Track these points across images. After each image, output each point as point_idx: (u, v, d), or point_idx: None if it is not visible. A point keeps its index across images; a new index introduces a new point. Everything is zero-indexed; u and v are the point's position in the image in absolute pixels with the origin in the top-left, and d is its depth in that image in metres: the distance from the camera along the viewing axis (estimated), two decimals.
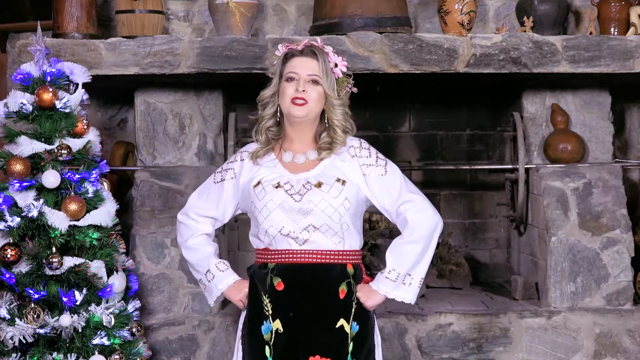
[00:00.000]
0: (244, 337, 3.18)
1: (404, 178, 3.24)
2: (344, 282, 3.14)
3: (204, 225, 3.29)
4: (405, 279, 3.18)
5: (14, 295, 3.91)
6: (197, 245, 3.28)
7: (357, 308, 3.16)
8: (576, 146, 4.96)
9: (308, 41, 3.22)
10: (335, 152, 3.18)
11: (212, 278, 3.25)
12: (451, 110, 5.60)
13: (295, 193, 3.11)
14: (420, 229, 3.17)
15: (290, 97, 3.14)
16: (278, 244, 3.12)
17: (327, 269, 3.13)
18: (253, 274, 3.20)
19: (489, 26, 5.35)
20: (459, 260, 5.41)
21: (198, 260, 3.28)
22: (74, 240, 3.89)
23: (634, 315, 4.74)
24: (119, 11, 4.77)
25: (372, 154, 3.23)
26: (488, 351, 4.68)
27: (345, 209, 3.12)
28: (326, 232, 3.11)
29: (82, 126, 4.01)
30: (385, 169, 3.21)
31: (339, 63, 3.21)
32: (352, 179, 3.16)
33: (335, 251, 3.13)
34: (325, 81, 3.16)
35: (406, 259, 3.17)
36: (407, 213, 3.18)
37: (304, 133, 3.20)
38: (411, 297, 3.20)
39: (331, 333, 3.11)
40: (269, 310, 3.12)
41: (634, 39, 4.68)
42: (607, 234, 4.81)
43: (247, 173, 3.21)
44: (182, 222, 3.32)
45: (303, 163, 3.18)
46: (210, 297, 3.30)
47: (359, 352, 3.15)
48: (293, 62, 3.18)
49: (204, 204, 3.28)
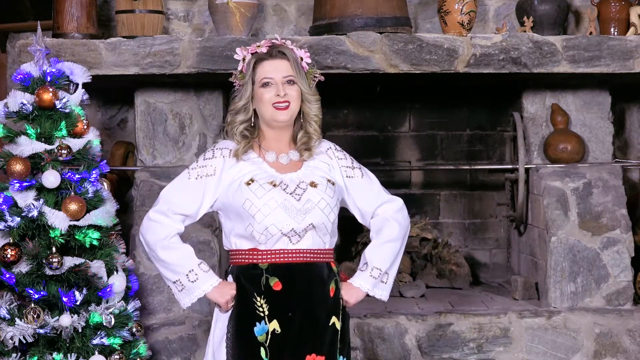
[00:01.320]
0: (230, 339, 3.11)
1: (377, 180, 3.31)
2: (332, 280, 3.17)
3: (177, 223, 3.16)
4: (383, 277, 3.23)
5: (14, 295, 3.90)
6: (175, 244, 3.15)
7: (343, 306, 3.19)
8: (576, 146, 4.96)
9: (269, 41, 3.19)
10: (314, 152, 3.20)
11: (196, 279, 3.13)
12: (451, 110, 5.60)
13: (293, 192, 3.11)
14: (400, 229, 3.24)
15: (270, 102, 3.12)
16: (273, 243, 3.10)
17: (319, 268, 3.14)
18: (240, 275, 3.13)
19: (489, 26, 5.34)
20: (459, 260, 5.41)
21: (178, 260, 3.14)
22: (74, 240, 3.88)
23: (634, 315, 4.73)
24: (119, 11, 4.77)
25: (346, 156, 3.28)
26: (488, 351, 4.68)
27: (337, 208, 3.18)
28: (320, 231, 3.12)
29: (82, 126, 4.01)
30: (361, 171, 3.27)
31: (303, 56, 3.20)
32: (337, 180, 3.21)
33: (324, 250, 3.15)
34: (299, 79, 3.15)
35: (386, 257, 3.23)
36: (387, 214, 3.24)
37: (284, 134, 3.20)
38: (386, 295, 3.26)
39: (326, 331, 3.12)
40: (264, 311, 3.09)
41: (634, 39, 4.68)
42: (607, 234, 4.81)
43: (231, 170, 3.15)
44: (154, 220, 3.15)
45: (288, 164, 3.17)
46: (187, 299, 3.16)
47: (343, 349, 3.17)
48: (264, 66, 3.14)
49: (178, 201, 3.15)
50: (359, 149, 5.39)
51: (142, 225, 3.20)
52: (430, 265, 5.42)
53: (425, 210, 5.64)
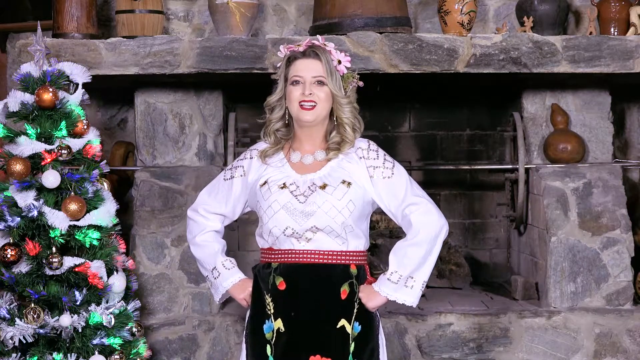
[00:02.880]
0: (247, 335, 3.19)
1: (411, 181, 3.22)
2: (346, 282, 3.14)
3: (213, 222, 3.28)
4: (407, 282, 3.15)
5: (14, 295, 3.90)
6: (205, 242, 3.28)
7: (359, 309, 3.15)
8: (576, 146, 4.96)
9: (309, 41, 3.20)
10: (344, 152, 3.18)
11: (218, 275, 3.25)
12: (451, 110, 5.60)
13: (300, 194, 3.11)
14: (424, 232, 3.15)
15: (297, 101, 3.13)
16: (281, 244, 3.12)
17: (329, 269, 3.12)
18: (257, 273, 3.20)
19: (489, 26, 5.35)
20: (459, 260, 5.41)
21: (205, 257, 3.28)
22: (74, 240, 3.89)
23: (634, 315, 4.73)
24: (119, 11, 4.78)
25: (379, 155, 3.22)
26: (488, 351, 4.68)
27: (349, 210, 3.11)
28: (329, 233, 3.10)
29: (82, 126, 4.01)
30: (392, 171, 3.20)
31: (342, 59, 3.19)
32: (357, 181, 3.15)
33: (339, 251, 3.13)
34: (330, 81, 3.14)
35: (409, 261, 3.15)
36: (411, 216, 3.16)
37: (314, 134, 3.20)
38: (413, 300, 3.18)
39: (332, 333, 3.11)
40: (270, 309, 3.13)
41: (634, 39, 4.68)
42: (607, 234, 4.81)
43: (255, 172, 3.21)
44: (191, 219, 3.32)
45: (310, 164, 3.18)
46: (216, 294, 3.30)
47: (362, 353, 3.14)
48: (297, 64, 3.16)
49: (213, 201, 3.28)
50: None
51: None
52: None
53: None
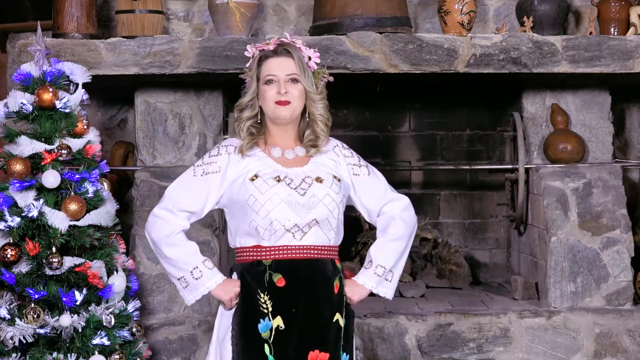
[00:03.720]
0: (235, 336, 3.13)
1: (384, 178, 3.31)
2: (337, 277, 3.17)
3: (182, 220, 3.17)
4: (387, 275, 3.22)
5: (14, 295, 3.90)
6: (180, 241, 3.16)
7: (346, 302, 3.19)
8: (576, 146, 4.96)
9: (278, 39, 3.20)
10: (321, 149, 3.21)
11: (200, 276, 3.14)
12: (451, 110, 5.60)
13: (297, 187, 3.11)
14: (405, 228, 3.25)
15: (272, 100, 3.13)
16: (277, 239, 3.11)
17: (322, 264, 3.14)
18: (244, 272, 3.14)
19: (489, 26, 5.35)
20: (459, 260, 5.41)
21: (182, 257, 3.15)
22: (74, 240, 3.88)
23: (634, 315, 4.73)
24: (119, 11, 4.77)
25: (354, 154, 3.30)
26: (488, 351, 4.68)
27: (343, 204, 3.18)
28: (325, 227, 3.12)
29: (82, 126, 4.01)
30: (368, 169, 3.28)
31: (312, 56, 3.20)
32: (343, 177, 3.21)
33: (328, 247, 3.16)
34: (303, 78, 3.15)
35: (391, 255, 3.23)
36: (393, 212, 3.25)
37: (288, 131, 3.21)
38: (391, 293, 3.26)
39: (329, 328, 3.12)
40: (267, 307, 3.10)
41: (634, 39, 4.68)
42: (607, 234, 4.81)
43: (236, 166, 3.16)
44: (159, 217, 3.17)
45: (293, 159, 3.18)
46: (192, 295, 3.17)
47: (346, 346, 3.18)
48: (269, 63, 3.16)
49: (183, 198, 3.17)
50: (359, 149, 5.34)
51: (147, 222, 3.21)
52: (430, 265, 5.42)
53: (425, 210, 5.64)
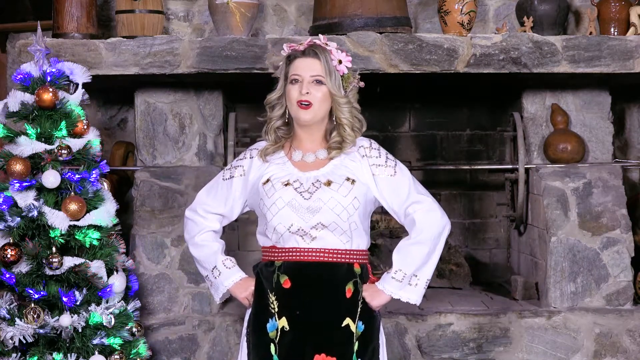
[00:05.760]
0: (249, 334, 3.18)
1: (413, 179, 3.24)
2: (351, 281, 3.14)
3: (212, 222, 3.28)
4: (411, 280, 3.18)
5: (14, 295, 3.90)
6: (204, 241, 3.27)
7: (363, 308, 3.16)
8: (576, 146, 4.96)
9: (310, 40, 3.20)
10: (345, 151, 3.18)
11: (219, 275, 3.24)
12: (451, 110, 5.60)
13: (304, 191, 3.11)
14: (427, 231, 3.18)
15: (295, 99, 3.13)
16: (286, 242, 3.12)
17: (334, 267, 3.12)
18: (259, 271, 3.20)
19: (489, 26, 5.35)
20: (459, 260, 5.41)
21: (205, 257, 3.27)
22: (74, 240, 3.89)
23: (634, 315, 4.73)
24: (119, 11, 4.78)
25: (381, 154, 3.23)
26: (488, 351, 4.68)
27: (354, 208, 3.12)
28: (334, 230, 3.10)
29: (82, 126, 4.01)
30: (395, 169, 3.21)
31: (343, 59, 3.17)
32: (361, 179, 3.16)
33: (343, 250, 3.13)
34: (329, 80, 3.13)
35: (412, 259, 3.17)
36: (415, 214, 3.18)
37: (313, 133, 3.20)
38: (416, 298, 3.21)
39: (337, 332, 3.11)
40: (274, 308, 3.12)
41: (634, 39, 4.68)
42: (607, 234, 4.81)
43: (256, 170, 3.20)
44: (189, 219, 3.31)
45: (313, 162, 3.18)
46: (216, 294, 3.29)
47: (364, 352, 3.15)
48: (296, 63, 3.16)
49: (212, 201, 3.27)
50: None
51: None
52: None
53: None
